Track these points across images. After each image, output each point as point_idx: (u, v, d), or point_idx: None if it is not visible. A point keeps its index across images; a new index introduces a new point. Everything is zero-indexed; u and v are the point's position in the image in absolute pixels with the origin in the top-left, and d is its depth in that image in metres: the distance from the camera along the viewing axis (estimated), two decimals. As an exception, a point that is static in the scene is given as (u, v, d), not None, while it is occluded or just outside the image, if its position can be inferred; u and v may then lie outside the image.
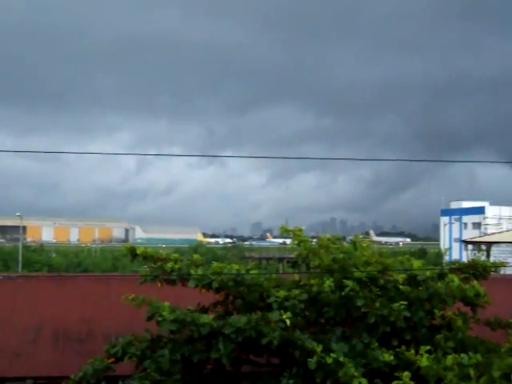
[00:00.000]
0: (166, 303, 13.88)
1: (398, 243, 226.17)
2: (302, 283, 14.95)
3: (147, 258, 15.36)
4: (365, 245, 15.60)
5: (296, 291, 14.25)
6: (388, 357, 12.87)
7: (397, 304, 13.65)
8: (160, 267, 14.92)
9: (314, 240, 16.12)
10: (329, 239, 15.78)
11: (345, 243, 16.14)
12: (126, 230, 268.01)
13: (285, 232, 16.06)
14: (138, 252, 15.40)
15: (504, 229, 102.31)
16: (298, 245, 15.78)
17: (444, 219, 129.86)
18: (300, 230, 15.88)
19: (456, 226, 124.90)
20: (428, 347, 12.20)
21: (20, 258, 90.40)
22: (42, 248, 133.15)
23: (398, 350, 13.00)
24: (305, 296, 14.18)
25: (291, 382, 13.12)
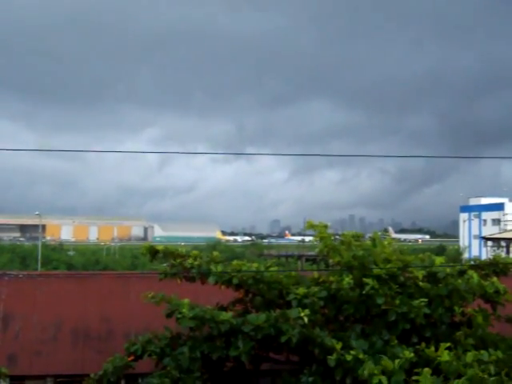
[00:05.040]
0: (186, 300, 13.91)
1: (416, 240, 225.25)
2: (321, 280, 14.93)
3: (167, 254, 15.43)
4: (386, 242, 15.51)
5: (315, 288, 14.21)
6: (408, 354, 12.80)
7: (417, 301, 13.57)
8: (180, 264, 14.98)
9: (337, 237, 16.07)
10: (352, 236, 15.74)
11: (367, 241, 16.07)
12: (145, 229, 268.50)
13: (310, 227, 15.98)
14: (159, 249, 15.49)
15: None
16: (320, 241, 15.72)
17: (463, 216, 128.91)
18: (325, 227, 15.84)
19: (475, 223, 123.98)
20: (448, 344, 12.15)
21: (39, 257, 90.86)
22: (61, 247, 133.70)
23: (417, 346, 12.93)
24: (324, 293, 14.15)
25: (311, 379, 13.10)
